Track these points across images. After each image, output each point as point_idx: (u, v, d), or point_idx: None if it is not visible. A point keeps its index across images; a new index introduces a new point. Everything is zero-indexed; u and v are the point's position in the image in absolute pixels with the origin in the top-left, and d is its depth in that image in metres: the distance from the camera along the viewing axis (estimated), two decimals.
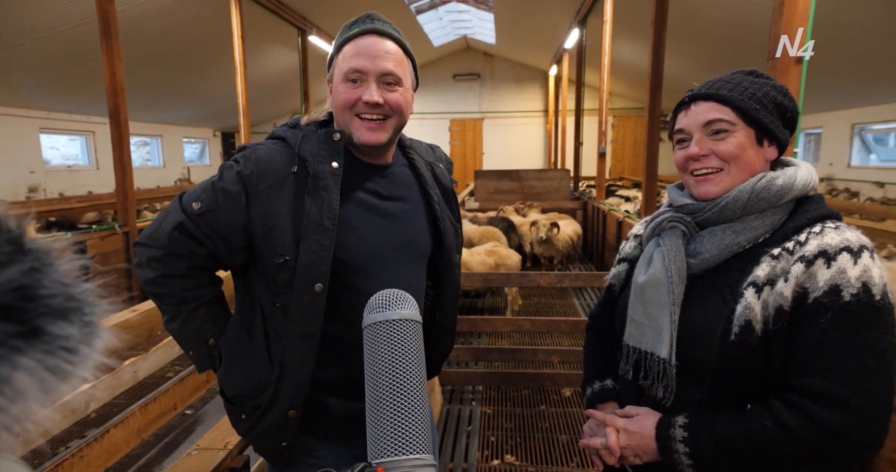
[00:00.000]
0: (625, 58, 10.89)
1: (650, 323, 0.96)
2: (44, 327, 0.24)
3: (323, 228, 0.99)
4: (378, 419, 0.76)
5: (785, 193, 0.90)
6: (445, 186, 1.22)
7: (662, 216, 1.01)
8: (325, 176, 1.01)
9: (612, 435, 0.98)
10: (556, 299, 5.74)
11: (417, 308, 0.85)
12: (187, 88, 11.38)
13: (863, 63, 7.30)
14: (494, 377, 3.52)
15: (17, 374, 0.22)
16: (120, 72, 4.81)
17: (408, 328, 0.80)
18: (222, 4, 7.16)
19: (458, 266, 1.21)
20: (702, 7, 7.07)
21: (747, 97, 0.91)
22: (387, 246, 1.08)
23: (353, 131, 1.03)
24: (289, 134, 1.07)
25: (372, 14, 1.06)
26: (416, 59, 1.14)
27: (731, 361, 0.85)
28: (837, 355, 0.79)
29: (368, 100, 1.00)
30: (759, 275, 0.85)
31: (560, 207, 8.21)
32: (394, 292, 0.84)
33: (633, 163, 15.96)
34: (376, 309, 0.82)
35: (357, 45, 1.01)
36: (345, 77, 1.01)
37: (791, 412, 0.81)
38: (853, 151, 10.41)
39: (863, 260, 0.81)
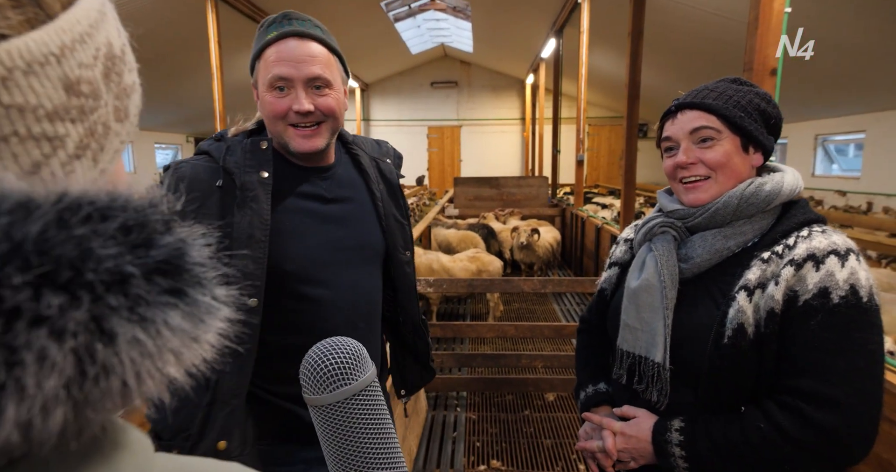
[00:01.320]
0: (599, 67, 11.12)
1: (644, 328, 0.97)
2: (188, 292, 0.27)
3: (254, 239, 0.94)
4: None
5: (773, 198, 0.92)
6: (391, 181, 1.17)
7: (654, 222, 1.03)
8: (252, 186, 0.96)
9: (609, 439, 0.98)
10: (536, 305, 5.79)
11: (368, 359, 0.62)
12: (160, 93, 11.16)
13: (826, 77, 7.62)
14: (479, 383, 3.52)
15: (164, 328, 0.25)
16: None
17: (374, 393, 0.60)
18: (198, 9, 7.07)
19: (410, 264, 1.17)
20: (677, 20, 7.28)
21: (732, 105, 0.93)
22: (335, 251, 1.04)
23: (287, 141, 1.00)
24: (213, 147, 1.02)
25: (289, 13, 0.99)
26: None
27: (725, 363, 0.86)
28: (828, 356, 0.81)
29: (299, 109, 0.96)
30: (751, 278, 0.87)
31: (539, 213, 8.29)
32: (339, 347, 0.60)
33: (607, 171, 16.24)
34: (330, 381, 0.58)
35: (278, 51, 0.95)
36: (270, 85, 0.96)
37: (785, 413, 0.82)
38: (817, 161, 10.81)
39: (850, 263, 0.84)
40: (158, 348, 0.25)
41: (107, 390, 0.24)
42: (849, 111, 9.28)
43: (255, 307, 0.94)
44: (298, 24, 0.98)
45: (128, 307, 0.24)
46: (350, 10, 9.74)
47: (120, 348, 0.24)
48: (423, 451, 2.93)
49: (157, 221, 0.27)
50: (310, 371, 0.59)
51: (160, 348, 0.25)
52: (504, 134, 16.60)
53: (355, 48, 12.53)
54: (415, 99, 16.59)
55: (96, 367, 0.23)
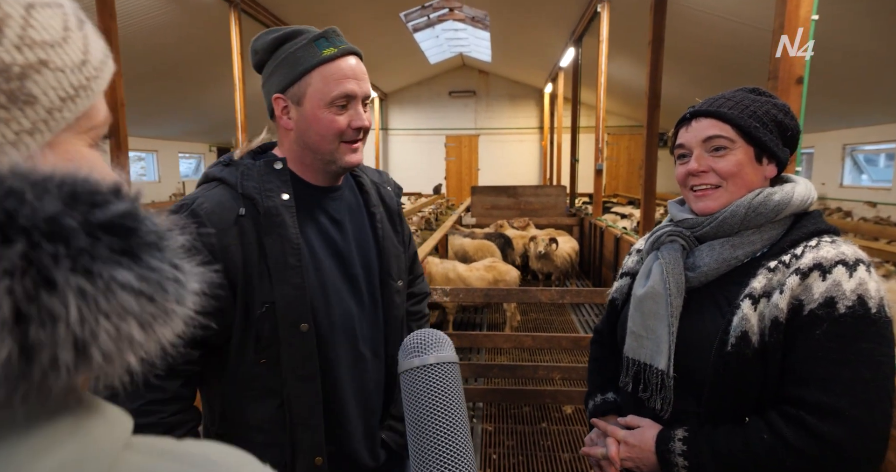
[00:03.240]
0: (619, 76, 11.06)
1: (649, 335, 0.97)
2: (140, 255, 0.28)
3: (289, 266, 0.93)
4: (424, 467, 0.74)
5: (782, 208, 0.91)
6: (391, 207, 1.15)
7: (662, 231, 1.03)
8: (277, 211, 0.94)
9: (613, 446, 0.99)
10: (554, 316, 5.73)
11: (452, 347, 0.82)
12: (184, 104, 11.41)
13: (854, 85, 7.46)
14: (495, 394, 3.48)
15: (115, 285, 0.26)
16: (120, 87, 4.82)
17: (449, 372, 0.78)
18: (222, 22, 7.23)
19: (401, 294, 1.12)
20: (698, 29, 7.22)
21: (747, 115, 0.93)
22: (344, 276, 1.03)
23: (339, 156, 0.98)
24: (226, 173, 0.97)
25: (336, 30, 0.99)
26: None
27: (728, 371, 0.86)
28: (833, 366, 0.80)
29: (361, 125, 0.97)
30: (756, 287, 0.87)
31: (557, 223, 8.23)
32: (428, 332, 0.83)
33: (627, 180, 16.09)
34: (412, 353, 0.79)
35: (341, 68, 0.95)
36: (331, 102, 0.94)
37: (789, 424, 0.81)
38: (845, 171, 10.56)
39: (858, 273, 0.82)
40: (113, 306, 0.26)
41: (55, 339, 0.25)
42: (878, 120, 9.05)
43: (308, 331, 0.94)
44: (347, 42, 0.99)
45: (70, 257, 0.25)
46: (369, 20, 9.87)
47: (65, 296, 0.25)
48: None
49: (109, 191, 0.28)
50: (401, 346, 0.80)
51: (116, 308, 0.26)
52: (522, 143, 16.58)
53: (374, 58, 12.68)
54: (433, 108, 16.69)
55: (39, 311, 0.24)
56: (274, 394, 0.96)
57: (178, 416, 0.92)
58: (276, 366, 0.94)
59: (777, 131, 0.94)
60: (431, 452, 0.74)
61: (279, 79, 0.97)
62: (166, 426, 0.89)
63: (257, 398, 0.97)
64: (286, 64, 0.96)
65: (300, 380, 0.95)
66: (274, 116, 1.01)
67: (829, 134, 10.58)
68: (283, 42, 0.97)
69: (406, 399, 0.79)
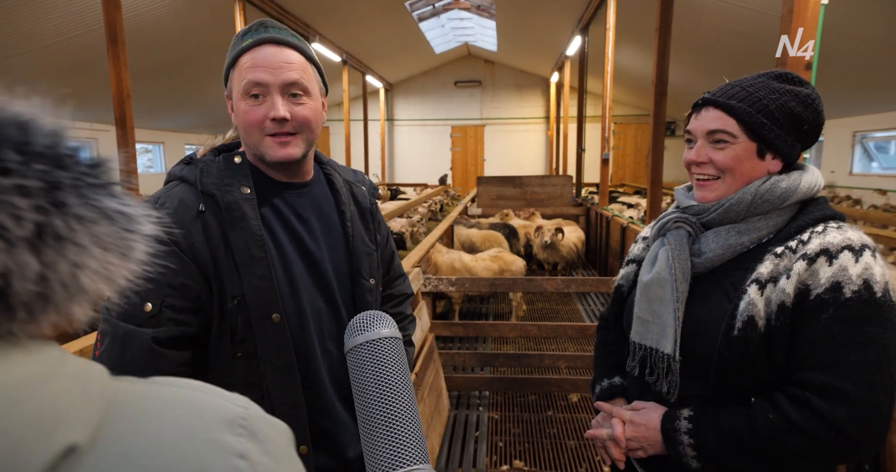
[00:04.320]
0: (626, 65, 10.96)
1: (655, 320, 0.98)
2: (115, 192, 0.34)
3: (254, 258, 0.93)
4: (372, 436, 0.78)
5: (788, 196, 0.92)
6: (363, 205, 1.14)
7: (668, 217, 1.03)
8: (237, 205, 0.94)
9: (619, 426, 1.00)
10: (560, 305, 5.74)
11: (395, 325, 0.88)
12: (190, 96, 11.43)
13: (864, 72, 7.35)
14: (501, 383, 3.51)
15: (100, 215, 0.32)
16: (126, 79, 4.84)
17: (389, 345, 0.84)
18: (226, 13, 7.22)
19: (373, 292, 1.12)
20: (706, 15, 7.12)
21: (757, 109, 0.91)
22: (310, 273, 1.02)
23: (263, 150, 0.96)
24: (185, 172, 0.97)
25: (265, 22, 0.97)
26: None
27: (734, 355, 0.87)
28: (839, 349, 0.81)
29: (275, 115, 0.93)
30: (763, 272, 0.87)
31: (563, 213, 8.21)
32: (370, 313, 0.88)
33: (634, 169, 15.99)
34: (355, 332, 0.85)
35: (254, 57, 0.93)
36: (244, 92, 0.93)
37: (794, 404, 0.83)
38: (855, 159, 10.44)
39: (864, 258, 0.83)
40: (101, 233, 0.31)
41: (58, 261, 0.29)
42: (889, 107, 8.93)
43: (280, 321, 0.95)
44: (274, 32, 0.96)
45: (73, 185, 0.30)
46: (374, 10, 9.81)
47: (70, 219, 0.30)
48: (445, 450, 2.93)
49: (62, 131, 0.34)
50: (346, 328, 0.87)
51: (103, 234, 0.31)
52: (528, 133, 16.49)
53: (379, 48, 12.62)
54: (438, 98, 16.61)
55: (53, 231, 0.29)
56: (253, 387, 0.96)
57: None
58: (252, 359, 0.95)
59: (790, 126, 0.92)
60: (377, 420, 0.78)
61: (224, 77, 1.00)
62: None
63: (236, 392, 0.97)
64: (226, 60, 0.99)
65: (279, 371, 0.96)
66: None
67: (839, 121, 10.45)
68: (235, 38, 1.00)
69: (351, 377, 0.83)
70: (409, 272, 3.11)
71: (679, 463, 0.91)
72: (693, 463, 0.90)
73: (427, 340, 3.19)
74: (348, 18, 9.80)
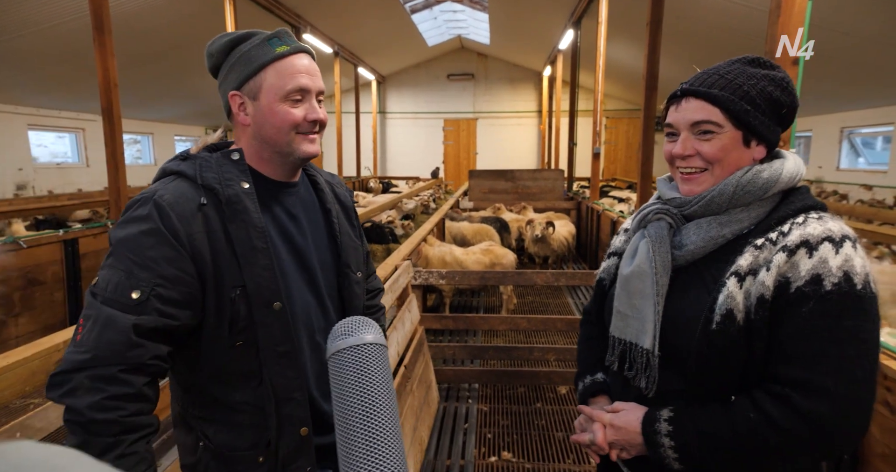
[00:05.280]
0: (618, 59, 10.96)
1: (634, 314, 0.96)
2: None
3: (256, 249, 0.96)
4: (350, 447, 0.77)
5: (770, 186, 0.90)
6: (345, 203, 1.21)
7: (649, 209, 1.02)
8: (239, 198, 0.96)
9: (599, 432, 0.99)
10: (550, 298, 5.77)
11: (382, 332, 0.89)
12: (179, 86, 11.29)
13: (852, 68, 7.41)
14: (490, 375, 3.53)
15: None
16: (113, 68, 4.77)
17: (373, 352, 0.83)
18: (216, 2, 7.12)
19: (361, 285, 1.17)
20: (697, 10, 7.13)
21: (739, 97, 0.89)
22: (300, 269, 1.06)
23: (294, 147, 1.02)
24: (184, 166, 0.99)
25: (287, 31, 1.05)
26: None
27: (713, 349, 0.85)
28: (819, 343, 0.80)
29: (316, 118, 1.02)
30: (742, 264, 0.86)
31: (554, 207, 8.24)
32: (355, 318, 0.88)
33: (625, 164, 16.05)
34: (339, 337, 0.85)
35: (294, 64, 1.00)
36: (286, 95, 0.99)
37: (774, 402, 0.81)
38: (842, 155, 10.54)
39: (844, 250, 0.82)
40: None
41: None
42: (876, 103, 9.02)
43: (281, 310, 0.98)
44: (299, 43, 1.04)
45: None
46: (366, 1, 9.72)
47: None
48: (434, 442, 2.95)
49: None
50: (330, 333, 0.87)
51: None
52: (520, 127, 16.48)
53: (371, 40, 12.52)
54: (431, 91, 16.55)
55: None
56: (251, 375, 0.98)
57: (138, 418, 0.86)
58: (251, 347, 0.97)
59: (770, 110, 0.91)
60: (356, 428, 0.77)
61: (235, 76, 1.01)
62: (123, 425, 0.84)
63: (234, 381, 0.99)
64: (241, 62, 1.00)
65: (281, 357, 0.98)
66: (231, 115, 1.04)
67: (827, 117, 10.54)
68: (238, 43, 1.02)
69: (332, 383, 0.83)
70: (400, 265, 3.11)
71: (661, 465, 0.90)
72: (675, 465, 0.88)
73: (417, 332, 3.20)
74: (340, 10, 9.70)
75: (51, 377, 0.85)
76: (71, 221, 7.06)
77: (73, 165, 11.38)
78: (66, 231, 4.77)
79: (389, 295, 2.71)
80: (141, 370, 0.87)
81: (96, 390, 0.83)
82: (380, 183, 12.86)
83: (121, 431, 0.84)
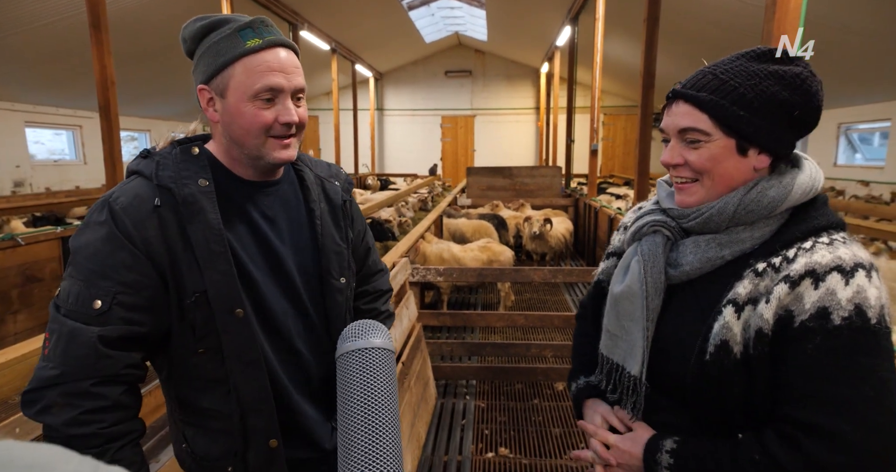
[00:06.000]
0: (616, 56, 10.95)
1: (623, 336, 0.91)
2: None
3: (214, 253, 0.90)
4: (350, 447, 0.79)
5: (777, 204, 0.81)
6: (334, 202, 1.11)
7: (645, 219, 0.94)
8: (194, 198, 0.90)
9: (602, 452, 0.93)
10: (548, 295, 5.78)
11: (390, 337, 0.89)
12: (176, 83, 11.26)
13: (849, 64, 7.41)
14: (488, 372, 3.54)
15: None
16: (110, 66, 4.75)
17: (379, 356, 0.85)
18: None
19: (343, 292, 1.09)
20: (694, 6, 7.13)
21: (732, 101, 0.80)
22: (274, 274, 1.00)
23: (265, 152, 0.94)
24: (142, 166, 0.93)
25: (265, 20, 0.94)
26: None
27: (709, 382, 0.80)
28: (830, 384, 0.72)
29: (289, 120, 0.92)
30: (741, 292, 0.79)
31: (552, 204, 8.25)
32: (366, 321, 0.89)
33: (623, 161, 16.05)
34: (349, 339, 0.86)
35: (268, 60, 0.90)
36: (254, 95, 0.90)
37: (783, 445, 0.74)
38: (839, 151, 10.57)
39: (856, 280, 0.73)
40: None
41: None
42: (873, 99, 9.03)
43: (244, 317, 0.93)
44: (277, 33, 0.93)
45: None
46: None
47: None
48: (431, 438, 2.97)
49: None
50: (340, 335, 0.91)
51: None
52: (518, 124, 16.47)
53: (369, 37, 12.48)
54: (429, 88, 16.51)
55: None
56: (219, 383, 0.95)
57: (119, 426, 0.85)
58: (216, 355, 0.93)
59: (774, 115, 0.80)
60: (357, 430, 0.79)
61: (203, 69, 0.93)
62: (105, 436, 0.83)
63: (203, 387, 0.96)
64: (209, 54, 0.92)
65: (246, 366, 0.94)
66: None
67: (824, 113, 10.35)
68: (210, 31, 0.93)
69: (338, 383, 0.84)
70: (398, 262, 3.11)
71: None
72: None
73: (415, 329, 3.21)
74: (337, 6, 9.67)
75: (23, 395, 0.83)
76: (69, 218, 7.05)
77: (70, 162, 11.35)
78: (64, 228, 4.77)
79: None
80: (113, 381, 0.85)
81: (71, 407, 0.81)
82: (378, 180, 12.85)
83: (103, 442, 0.83)
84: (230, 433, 0.96)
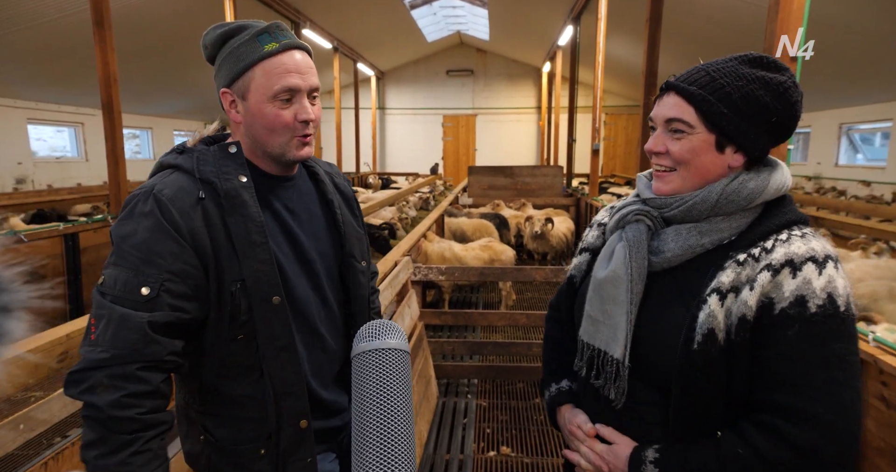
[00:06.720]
0: (617, 55, 10.94)
1: (606, 321, 0.93)
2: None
3: (255, 244, 0.95)
4: (363, 447, 0.80)
5: (755, 197, 0.87)
6: (346, 193, 1.20)
7: (628, 209, 0.98)
8: (237, 192, 0.96)
9: (592, 457, 0.95)
10: (549, 295, 5.79)
11: (405, 338, 0.90)
12: (178, 81, 11.26)
13: (851, 64, 7.41)
14: (489, 371, 3.55)
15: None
16: (113, 63, 4.76)
17: (395, 357, 0.85)
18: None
19: (365, 274, 1.17)
20: (696, 6, 7.12)
21: (718, 98, 0.84)
22: (299, 261, 1.06)
23: (287, 150, 1.00)
24: (181, 160, 0.99)
25: (280, 25, 1.00)
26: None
27: (696, 370, 0.82)
28: (806, 368, 0.78)
29: (307, 118, 0.99)
30: (724, 281, 0.83)
31: (553, 203, 8.25)
32: (382, 322, 0.90)
33: (624, 160, 16.05)
34: (365, 339, 0.87)
35: (285, 62, 0.97)
36: (274, 95, 0.96)
37: (763, 434, 0.79)
38: (841, 151, 10.56)
39: (827, 271, 0.80)
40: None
41: None
42: (875, 99, 9.03)
43: (280, 304, 0.98)
44: (292, 36, 1.00)
45: None
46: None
47: None
48: (433, 437, 2.97)
49: None
50: (357, 334, 0.89)
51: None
52: (519, 123, 16.46)
53: (371, 36, 12.48)
54: (430, 87, 16.51)
55: None
56: (251, 369, 0.99)
57: (155, 415, 0.88)
58: (251, 341, 0.97)
59: (755, 117, 0.84)
60: (371, 430, 0.79)
61: (224, 74, 0.99)
62: (142, 423, 0.86)
63: (235, 374, 1.00)
64: (230, 59, 0.98)
65: (279, 351, 0.98)
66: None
67: (826, 113, 10.55)
68: (229, 37, 0.99)
69: (353, 382, 0.85)
70: (400, 261, 3.12)
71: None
72: None
73: (417, 328, 3.22)
74: (339, 5, 9.67)
75: (69, 375, 0.86)
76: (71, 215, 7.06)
77: (72, 159, 11.36)
78: (66, 225, 4.78)
79: (389, 291, 2.72)
80: (158, 367, 0.89)
81: (115, 388, 0.84)
82: (379, 179, 12.85)
83: (139, 428, 0.86)
84: (259, 419, 1.00)
